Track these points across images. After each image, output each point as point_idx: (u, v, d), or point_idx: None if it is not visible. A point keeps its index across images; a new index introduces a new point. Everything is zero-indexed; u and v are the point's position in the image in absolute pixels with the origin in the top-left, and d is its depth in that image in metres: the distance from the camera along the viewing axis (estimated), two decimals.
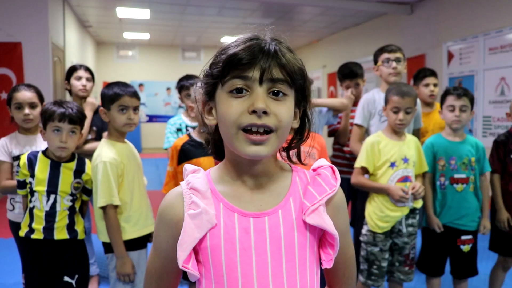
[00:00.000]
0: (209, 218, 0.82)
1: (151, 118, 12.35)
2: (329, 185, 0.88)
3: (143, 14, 8.06)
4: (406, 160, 2.27)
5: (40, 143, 2.33)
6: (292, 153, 0.94)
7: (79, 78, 2.99)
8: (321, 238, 0.88)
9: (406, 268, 2.35)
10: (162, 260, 0.90)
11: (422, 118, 2.91)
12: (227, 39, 11.36)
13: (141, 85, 12.13)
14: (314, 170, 0.92)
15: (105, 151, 1.98)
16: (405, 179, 2.26)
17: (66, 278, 1.99)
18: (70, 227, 2.01)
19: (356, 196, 2.97)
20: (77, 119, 1.98)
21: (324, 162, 0.93)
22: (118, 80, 2.15)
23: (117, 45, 11.92)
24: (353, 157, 3.04)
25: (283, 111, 0.80)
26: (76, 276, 2.02)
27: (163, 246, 0.88)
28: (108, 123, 2.08)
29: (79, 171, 2.04)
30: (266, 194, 0.86)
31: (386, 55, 2.72)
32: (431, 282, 2.49)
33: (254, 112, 0.77)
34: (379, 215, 2.27)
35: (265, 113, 0.77)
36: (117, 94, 2.00)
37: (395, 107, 2.25)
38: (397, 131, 2.31)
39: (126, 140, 2.15)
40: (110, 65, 11.84)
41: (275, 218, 0.84)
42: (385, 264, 2.31)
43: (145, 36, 10.63)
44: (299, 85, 0.84)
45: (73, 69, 3.05)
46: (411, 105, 2.26)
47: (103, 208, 1.94)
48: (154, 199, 2.10)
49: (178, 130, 3.11)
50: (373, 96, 2.77)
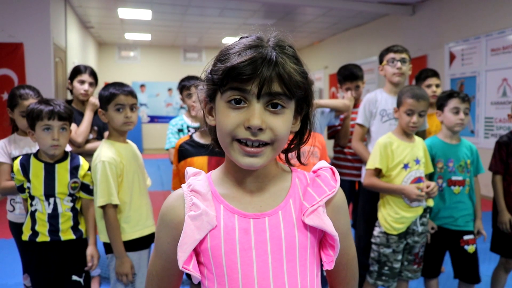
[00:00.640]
0: (209, 220, 0.83)
1: (153, 119, 12.36)
2: (328, 186, 0.88)
3: (145, 15, 8.07)
4: (418, 161, 2.28)
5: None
6: (292, 154, 0.94)
7: (82, 82, 2.96)
8: (321, 239, 0.88)
9: (415, 266, 2.36)
10: (163, 262, 0.90)
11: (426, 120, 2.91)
12: (229, 40, 11.38)
13: (142, 85, 12.15)
14: (314, 172, 0.92)
15: (104, 151, 1.99)
16: (418, 180, 2.27)
17: (75, 277, 2.00)
18: (75, 228, 2.01)
19: (357, 197, 2.97)
20: (66, 115, 1.97)
21: (324, 164, 0.93)
22: (119, 81, 2.15)
23: (118, 45, 11.94)
24: (354, 158, 3.03)
25: (280, 125, 0.79)
26: (83, 274, 2.03)
27: (164, 247, 0.89)
28: (108, 124, 2.08)
29: (75, 169, 2.03)
30: (266, 196, 0.86)
31: (391, 55, 2.72)
32: (430, 284, 2.48)
33: (249, 128, 0.77)
34: (395, 217, 2.27)
35: (260, 130, 0.77)
36: (112, 94, 2.01)
37: (410, 110, 2.25)
38: (408, 133, 2.32)
39: (128, 140, 2.15)
40: (111, 65, 11.86)
41: (276, 219, 0.84)
42: (397, 265, 2.31)
43: (146, 37, 10.65)
44: (300, 96, 0.83)
45: (77, 71, 3.00)
46: (425, 108, 2.27)
47: (103, 207, 1.95)
48: (156, 200, 2.10)
49: (180, 130, 3.11)
50: (375, 96, 2.77)
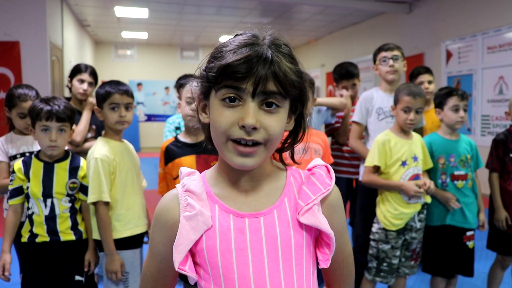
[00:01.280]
0: (204, 220, 0.82)
1: (150, 118, 12.34)
2: (323, 184, 0.87)
3: (142, 13, 8.05)
4: (416, 158, 2.30)
5: (36, 142, 2.32)
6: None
7: (82, 81, 2.94)
8: (317, 237, 0.87)
9: (412, 262, 2.37)
10: (157, 263, 0.89)
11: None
12: (226, 38, 11.23)
13: (139, 84, 12.12)
14: (309, 170, 0.91)
15: (98, 148, 1.99)
16: (416, 177, 2.29)
17: (77, 277, 1.98)
18: (74, 228, 1.99)
19: (355, 195, 2.97)
20: (65, 117, 1.94)
21: (319, 162, 0.92)
22: (116, 79, 2.14)
23: (115, 44, 11.91)
24: (352, 156, 3.03)
25: (274, 124, 0.79)
26: (84, 273, 2.02)
27: (159, 248, 0.88)
28: (103, 122, 2.08)
29: (74, 169, 2.01)
30: (261, 195, 0.86)
31: (383, 54, 2.73)
32: (436, 282, 2.48)
33: (243, 127, 0.76)
34: (394, 213, 2.28)
35: (254, 129, 0.77)
36: (108, 93, 2.00)
37: (406, 107, 2.27)
38: (405, 130, 2.33)
39: (124, 139, 2.14)
40: (108, 64, 11.83)
41: (271, 218, 0.83)
42: (395, 261, 2.33)
43: (143, 35, 10.63)
44: (295, 95, 0.82)
45: (78, 70, 2.98)
46: (422, 105, 2.28)
47: (94, 204, 1.95)
48: (152, 199, 2.09)
49: (177, 128, 3.11)
50: (371, 93, 2.78)
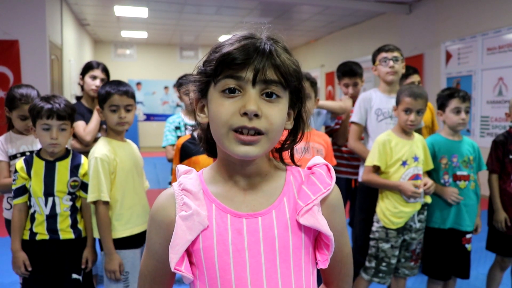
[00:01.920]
0: (200, 220, 0.81)
1: (149, 117, 12.33)
2: (323, 184, 0.86)
3: (141, 12, 8.04)
4: (416, 158, 2.30)
5: (35, 142, 2.31)
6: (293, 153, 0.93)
7: (94, 78, 2.93)
8: (316, 238, 0.86)
9: (412, 263, 2.37)
10: (154, 262, 0.88)
11: None
12: (225, 38, 11.24)
13: (138, 83, 12.11)
14: (309, 168, 0.90)
15: (99, 148, 2.00)
16: (416, 177, 2.29)
17: (75, 276, 1.99)
18: (74, 227, 2.00)
19: (354, 196, 2.97)
20: (65, 115, 1.94)
21: (319, 160, 0.91)
22: (115, 78, 2.14)
23: (114, 43, 11.90)
24: (351, 157, 3.04)
25: (275, 114, 0.78)
26: (82, 272, 2.02)
27: (156, 248, 0.87)
28: (105, 122, 2.09)
29: (75, 167, 2.02)
30: (259, 195, 0.85)
31: (383, 55, 2.73)
32: (433, 284, 2.48)
33: (245, 114, 0.76)
34: (393, 211, 2.29)
35: (256, 115, 0.76)
36: (108, 93, 2.00)
37: (407, 108, 2.28)
38: (406, 131, 2.34)
39: (128, 140, 2.15)
40: (107, 63, 11.60)
41: (269, 219, 0.82)
42: (394, 261, 2.33)
43: (143, 34, 10.62)
44: (294, 86, 0.82)
45: (89, 66, 2.97)
46: (423, 106, 2.30)
47: (94, 203, 1.96)
48: (152, 198, 2.08)
49: (177, 128, 3.11)
50: (369, 94, 2.79)
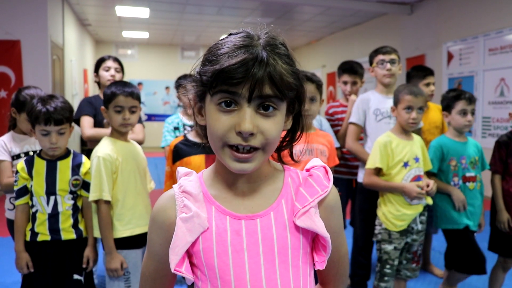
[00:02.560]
0: (200, 222, 0.82)
1: (150, 117, 12.33)
2: (321, 186, 0.87)
3: (143, 12, 8.05)
4: (417, 159, 2.30)
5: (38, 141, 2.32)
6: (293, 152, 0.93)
7: (108, 69, 2.94)
8: (314, 239, 0.87)
9: (414, 265, 2.37)
10: (155, 263, 0.89)
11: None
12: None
13: (140, 84, 12.11)
14: (308, 170, 0.91)
15: (102, 147, 2.00)
16: (418, 178, 2.29)
17: (76, 276, 1.99)
18: (75, 226, 2.01)
19: (355, 196, 2.97)
20: (62, 119, 1.94)
21: (317, 162, 0.91)
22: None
23: (116, 43, 11.90)
24: (351, 157, 3.03)
25: (271, 128, 0.78)
26: (84, 272, 2.02)
27: (157, 249, 0.88)
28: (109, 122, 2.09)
29: (77, 166, 2.02)
30: (258, 197, 0.85)
31: (380, 57, 2.73)
32: (497, 275, 2.54)
33: (240, 133, 0.75)
34: (396, 214, 2.29)
35: (251, 134, 0.76)
36: (113, 94, 2.00)
37: (408, 106, 2.27)
38: (406, 131, 2.33)
39: (132, 141, 2.15)
40: None
41: (267, 220, 0.83)
42: (396, 263, 2.33)
43: (144, 35, 10.62)
44: (291, 96, 0.81)
45: (101, 60, 3.00)
46: (423, 103, 2.30)
47: (96, 202, 1.96)
48: (154, 198, 2.08)
49: (176, 128, 3.11)
50: (367, 96, 2.79)
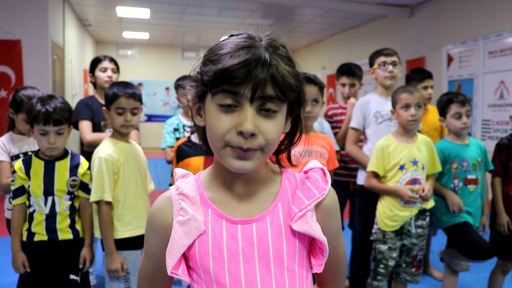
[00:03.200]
0: (197, 225, 0.82)
1: (150, 118, 12.33)
2: (318, 188, 0.86)
3: (143, 13, 8.05)
4: (415, 162, 2.29)
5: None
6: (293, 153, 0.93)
7: (105, 70, 2.92)
8: (311, 242, 0.87)
9: (413, 269, 2.37)
10: (152, 264, 0.90)
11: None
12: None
13: (140, 84, 12.11)
14: (305, 173, 0.90)
15: (103, 148, 2.00)
16: (414, 182, 2.29)
17: (72, 276, 1.99)
18: (72, 227, 2.00)
19: (353, 198, 2.97)
20: (61, 119, 1.94)
21: (315, 164, 0.91)
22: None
23: (116, 44, 11.90)
24: (350, 159, 3.03)
25: (272, 129, 0.78)
26: (80, 273, 2.02)
27: (154, 250, 0.88)
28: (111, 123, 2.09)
29: (75, 167, 2.02)
30: (255, 200, 0.85)
31: (382, 59, 2.72)
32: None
33: (241, 133, 0.75)
34: (389, 214, 2.30)
35: (252, 135, 0.76)
36: (114, 95, 2.00)
37: (406, 104, 2.28)
38: (408, 132, 2.33)
39: (133, 142, 2.15)
40: None
41: (263, 224, 0.83)
42: (391, 263, 2.33)
43: (144, 35, 10.62)
44: (292, 98, 0.82)
45: (97, 60, 2.96)
46: (421, 100, 2.29)
47: (97, 203, 1.97)
48: (153, 199, 2.09)
49: (175, 130, 3.10)
50: (367, 99, 2.79)
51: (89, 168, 2.06)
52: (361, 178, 2.69)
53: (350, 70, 3.16)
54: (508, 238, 2.51)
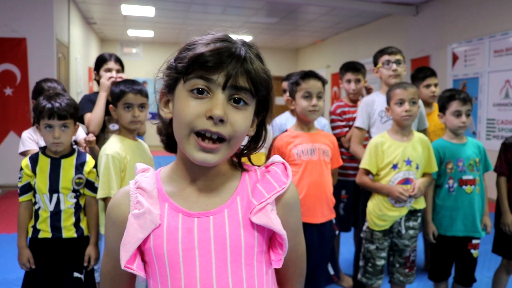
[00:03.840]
0: (152, 218, 0.81)
1: (154, 116, 12.33)
2: (279, 182, 0.85)
3: (148, 11, 8.06)
4: (408, 162, 2.25)
5: None
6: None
7: (109, 70, 2.92)
8: (271, 237, 0.86)
9: (406, 270, 2.34)
10: (113, 260, 0.87)
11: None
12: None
13: (144, 82, 12.03)
14: (267, 167, 0.89)
15: (110, 145, 2.01)
16: (406, 181, 2.25)
17: (76, 274, 2.00)
18: (77, 225, 2.01)
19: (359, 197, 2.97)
20: (66, 114, 1.95)
21: (276, 159, 0.90)
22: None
23: (121, 42, 11.93)
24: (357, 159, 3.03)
25: (240, 121, 0.78)
26: (84, 270, 2.03)
27: (113, 246, 0.86)
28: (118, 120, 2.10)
29: (81, 165, 2.03)
30: (214, 194, 0.84)
31: (386, 57, 2.72)
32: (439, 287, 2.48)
33: (211, 118, 0.75)
34: (378, 214, 2.29)
35: (221, 121, 0.75)
36: (122, 92, 2.02)
37: (399, 99, 2.25)
38: (403, 128, 2.29)
39: (140, 139, 2.17)
40: None
41: (220, 218, 0.82)
42: (380, 263, 2.31)
43: (149, 33, 10.64)
44: (262, 95, 0.82)
45: (102, 60, 2.95)
46: (415, 96, 2.27)
47: (104, 200, 1.98)
48: None
49: None
50: (372, 98, 2.78)
51: (95, 166, 2.07)
52: None
53: (354, 66, 3.16)
54: None
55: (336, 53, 10.34)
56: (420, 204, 2.31)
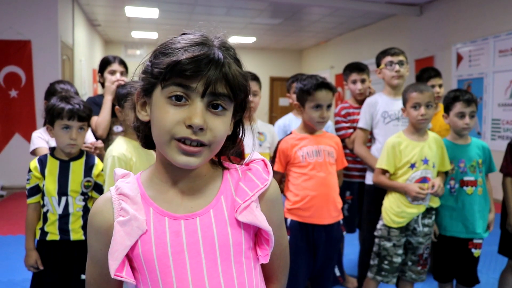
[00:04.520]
0: (139, 225, 0.80)
1: None
2: (260, 179, 0.86)
3: (152, 13, 8.08)
4: (426, 161, 2.28)
5: None
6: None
7: (113, 72, 2.93)
8: (256, 233, 0.87)
9: (419, 268, 2.36)
10: (98, 269, 0.86)
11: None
12: (235, 39, 11.38)
13: None
14: (247, 165, 0.90)
15: (116, 146, 2.01)
16: (423, 180, 2.28)
17: (83, 276, 1.99)
18: (85, 227, 2.00)
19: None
20: (85, 116, 1.97)
21: (256, 156, 0.91)
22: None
23: (125, 44, 11.96)
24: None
25: (220, 126, 0.79)
26: None
27: (98, 255, 0.85)
28: (123, 121, 2.10)
29: (89, 168, 2.03)
30: (197, 195, 0.85)
31: (389, 58, 2.72)
32: None
33: (190, 126, 0.75)
34: (396, 210, 2.30)
35: (201, 129, 0.76)
36: (129, 93, 2.02)
37: (416, 103, 2.27)
38: (418, 130, 2.32)
39: None
40: None
41: (207, 218, 0.82)
42: (397, 260, 2.32)
43: (153, 35, 10.66)
44: (240, 99, 0.82)
45: (107, 62, 2.96)
46: (431, 99, 2.28)
47: None
48: None
49: None
50: (375, 99, 2.78)
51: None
52: (369, 178, 2.69)
53: (358, 66, 3.16)
54: None
55: (340, 54, 10.33)
56: (435, 202, 2.33)
